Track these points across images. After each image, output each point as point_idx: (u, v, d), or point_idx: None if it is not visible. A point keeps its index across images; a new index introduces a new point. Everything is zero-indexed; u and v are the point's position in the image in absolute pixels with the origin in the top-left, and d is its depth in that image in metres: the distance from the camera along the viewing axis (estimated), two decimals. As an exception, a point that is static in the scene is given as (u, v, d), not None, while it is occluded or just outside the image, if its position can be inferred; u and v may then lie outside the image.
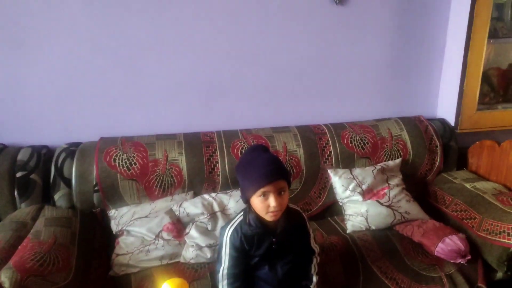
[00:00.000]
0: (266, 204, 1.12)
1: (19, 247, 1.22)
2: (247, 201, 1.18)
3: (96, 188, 1.58)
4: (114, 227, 1.56)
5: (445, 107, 2.13)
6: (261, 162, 1.13)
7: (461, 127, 2.05)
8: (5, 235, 1.28)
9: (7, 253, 1.19)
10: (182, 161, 1.68)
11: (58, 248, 1.26)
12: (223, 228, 1.26)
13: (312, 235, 1.32)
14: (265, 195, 1.11)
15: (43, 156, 1.61)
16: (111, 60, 1.72)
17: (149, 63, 1.76)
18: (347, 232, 1.68)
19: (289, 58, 1.92)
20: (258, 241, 1.20)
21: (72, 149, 1.64)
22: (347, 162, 1.86)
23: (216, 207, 1.61)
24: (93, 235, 1.49)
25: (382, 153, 1.91)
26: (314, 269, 1.29)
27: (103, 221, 1.60)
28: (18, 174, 1.53)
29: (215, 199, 1.63)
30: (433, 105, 2.18)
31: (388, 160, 1.91)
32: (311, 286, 1.26)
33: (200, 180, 1.70)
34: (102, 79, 1.73)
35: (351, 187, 1.76)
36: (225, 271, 1.21)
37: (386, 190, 1.76)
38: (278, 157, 1.22)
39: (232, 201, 1.63)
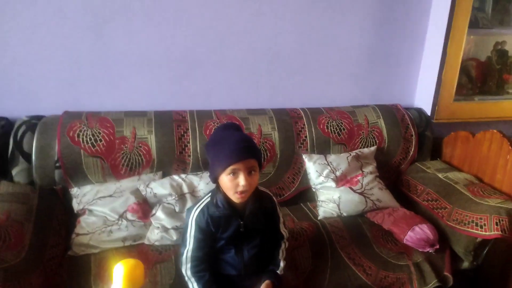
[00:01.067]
0: (235, 183, 1.08)
1: (-33, 223, 1.14)
2: (215, 180, 1.13)
3: (57, 164, 1.50)
4: (76, 205, 1.48)
5: (422, 96, 2.11)
6: (232, 139, 1.09)
7: (437, 117, 2.05)
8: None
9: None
10: (152, 140, 1.61)
11: (11, 225, 1.18)
12: (189, 209, 1.21)
13: (282, 220, 1.29)
14: (234, 173, 1.07)
15: (1, 128, 1.52)
16: (78, 28, 1.61)
17: (118, 33, 1.66)
18: (319, 218, 1.66)
19: (266, 37, 1.84)
20: (225, 223, 1.16)
21: (33, 122, 1.55)
22: (322, 147, 1.83)
23: (185, 189, 1.56)
24: (52, 213, 1.40)
25: (357, 140, 1.89)
26: (282, 254, 1.26)
27: (64, 199, 1.52)
28: (-28, 147, 1.44)
29: (184, 180, 1.58)
30: (411, 94, 2.16)
31: (364, 147, 1.89)
32: (278, 271, 1.23)
33: (169, 160, 1.63)
34: (67, 49, 1.63)
35: (325, 173, 1.74)
36: (189, 254, 1.16)
37: (359, 177, 1.74)
38: (250, 136, 1.17)
39: (203, 183, 1.58)
